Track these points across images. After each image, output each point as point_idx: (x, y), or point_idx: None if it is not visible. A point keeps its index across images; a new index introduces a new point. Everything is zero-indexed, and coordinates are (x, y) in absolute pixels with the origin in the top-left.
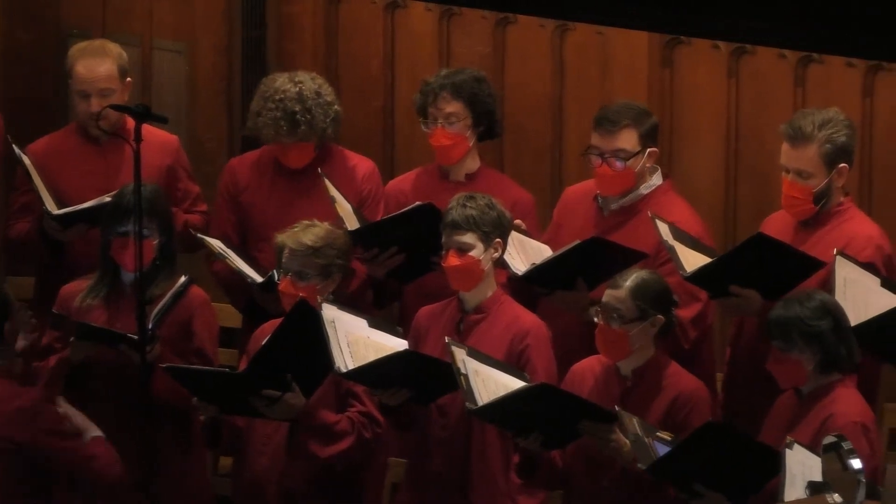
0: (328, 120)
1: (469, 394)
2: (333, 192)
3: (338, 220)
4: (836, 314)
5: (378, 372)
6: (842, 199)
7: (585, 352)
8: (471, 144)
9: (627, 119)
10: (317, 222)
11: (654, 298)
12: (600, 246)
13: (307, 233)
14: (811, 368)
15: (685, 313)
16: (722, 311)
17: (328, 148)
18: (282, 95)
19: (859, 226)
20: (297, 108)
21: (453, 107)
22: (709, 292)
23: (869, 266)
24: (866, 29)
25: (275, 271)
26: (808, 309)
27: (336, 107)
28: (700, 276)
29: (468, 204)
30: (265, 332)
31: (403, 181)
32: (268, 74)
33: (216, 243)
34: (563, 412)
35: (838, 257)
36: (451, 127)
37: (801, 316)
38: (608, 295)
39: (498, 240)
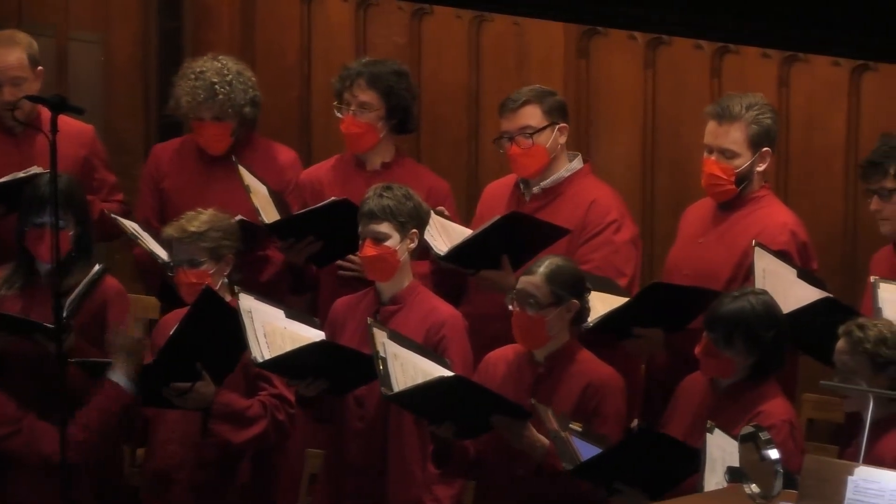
0: (247, 98)
1: (385, 378)
2: (249, 180)
3: (253, 211)
4: (780, 321)
5: (294, 362)
6: (761, 185)
7: (512, 336)
8: (381, 136)
9: (528, 96)
10: (201, 210)
11: (569, 283)
12: (520, 221)
13: (191, 221)
14: (741, 369)
15: None
16: (629, 351)
17: (249, 137)
18: (202, 69)
19: (775, 213)
20: (216, 80)
21: (367, 96)
22: (614, 336)
23: (782, 253)
24: (781, 20)
25: (171, 262)
26: (758, 316)
27: (257, 92)
28: (602, 325)
29: (385, 194)
30: (167, 324)
31: (319, 169)
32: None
33: (130, 225)
34: (476, 405)
35: (757, 248)
36: (362, 116)
37: (751, 323)
38: (523, 281)
39: (414, 230)
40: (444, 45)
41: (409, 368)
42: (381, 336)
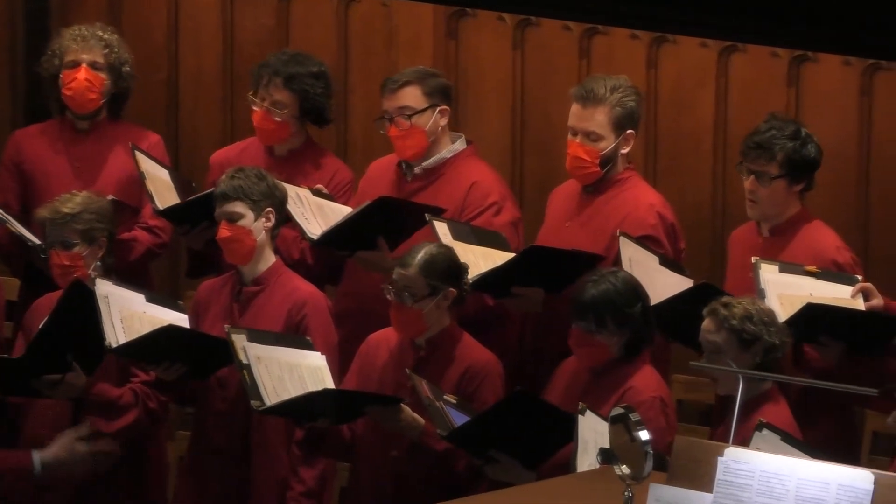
0: (127, 59)
1: (253, 389)
2: (146, 166)
3: (147, 198)
4: (644, 297)
5: (148, 347)
6: (626, 167)
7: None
8: (292, 131)
9: (409, 77)
10: (76, 192)
11: (444, 272)
12: (391, 205)
13: (65, 203)
14: (615, 349)
15: None
16: (508, 308)
17: (115, 119)
18: (86, 25)
19: (642, 194)
20: (100, 31)
21: (282, 95)
22: (492, 295)
23: (647, 238)
24: (649, 1)
25: (42, 244)
26: (621, 294)
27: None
28: (481, 283)
29: (237, 175)
30: (40, 308)
31: (230, 151)
32: None
33: None
34: (348, 404)
35: (622, 238)
36: (275, 114)
37: (617, 301)
38: (398, 273)
39: (269, 209)
40: (312, 26)
41: (275, 367)
42: (240, 341)
